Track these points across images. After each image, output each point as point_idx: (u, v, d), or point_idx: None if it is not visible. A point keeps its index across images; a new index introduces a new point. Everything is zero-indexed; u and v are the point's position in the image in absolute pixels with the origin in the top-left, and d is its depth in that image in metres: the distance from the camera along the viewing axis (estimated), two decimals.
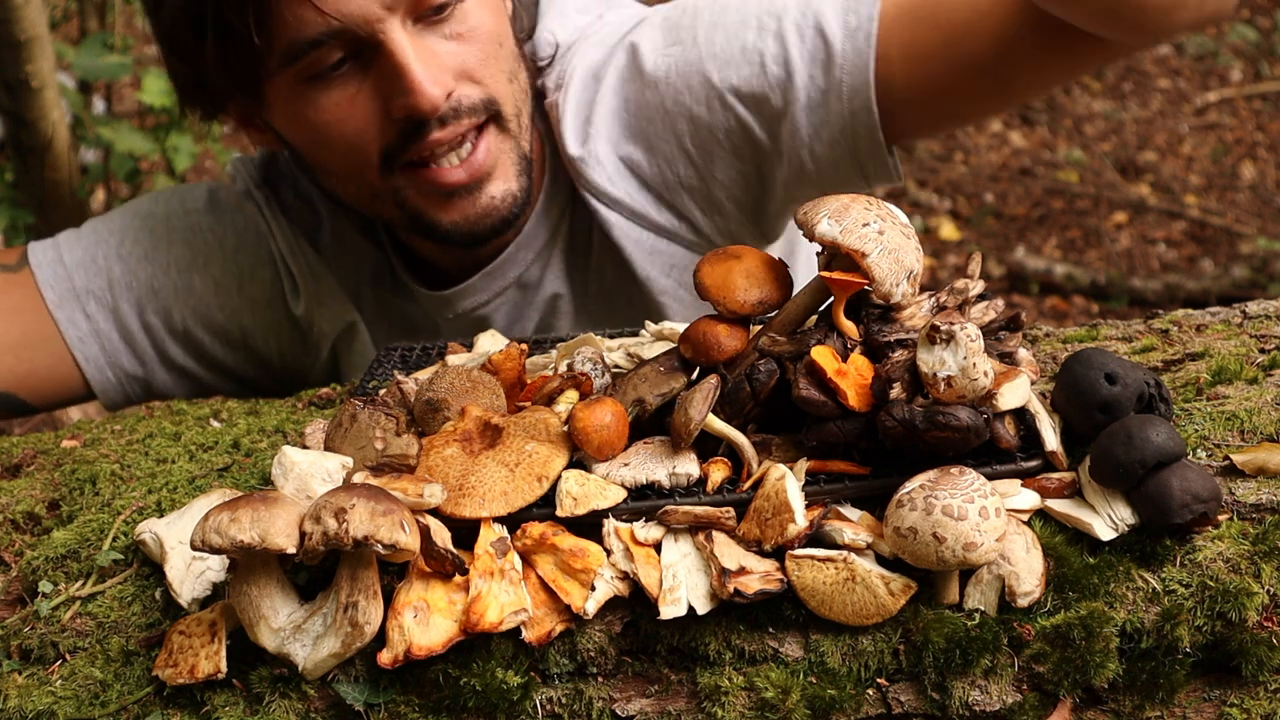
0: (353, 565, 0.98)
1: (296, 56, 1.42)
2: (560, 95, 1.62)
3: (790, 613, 0.99)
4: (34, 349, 1.64)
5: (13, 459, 1.30)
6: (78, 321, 1.66)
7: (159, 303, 1.69)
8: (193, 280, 1.69)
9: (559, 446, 1.06)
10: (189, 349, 1.72)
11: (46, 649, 1.06)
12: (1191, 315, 1.28)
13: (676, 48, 1.59)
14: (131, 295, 1.68)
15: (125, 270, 1.68)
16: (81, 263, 1.67)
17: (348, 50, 1.43)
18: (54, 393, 1.68)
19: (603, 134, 1.62)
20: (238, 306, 1.72)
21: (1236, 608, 0.95)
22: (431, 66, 1.43)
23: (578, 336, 1.35)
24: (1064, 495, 1.02)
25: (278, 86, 1.48)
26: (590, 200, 1.63)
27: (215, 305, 1.71)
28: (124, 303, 1.67)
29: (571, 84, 1.62)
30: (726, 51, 1.57)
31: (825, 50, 1.54)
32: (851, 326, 1.07)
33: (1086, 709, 0.98)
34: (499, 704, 0.99)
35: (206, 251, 1.70)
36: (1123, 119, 6.40)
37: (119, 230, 1.70)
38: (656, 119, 1.60)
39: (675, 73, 1.58)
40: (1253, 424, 1.06)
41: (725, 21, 1.59)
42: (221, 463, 1.24)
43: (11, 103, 2.53)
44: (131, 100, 5.04)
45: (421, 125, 1.46)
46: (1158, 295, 4.88)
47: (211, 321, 1.71)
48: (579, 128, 1.62)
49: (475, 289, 1.71)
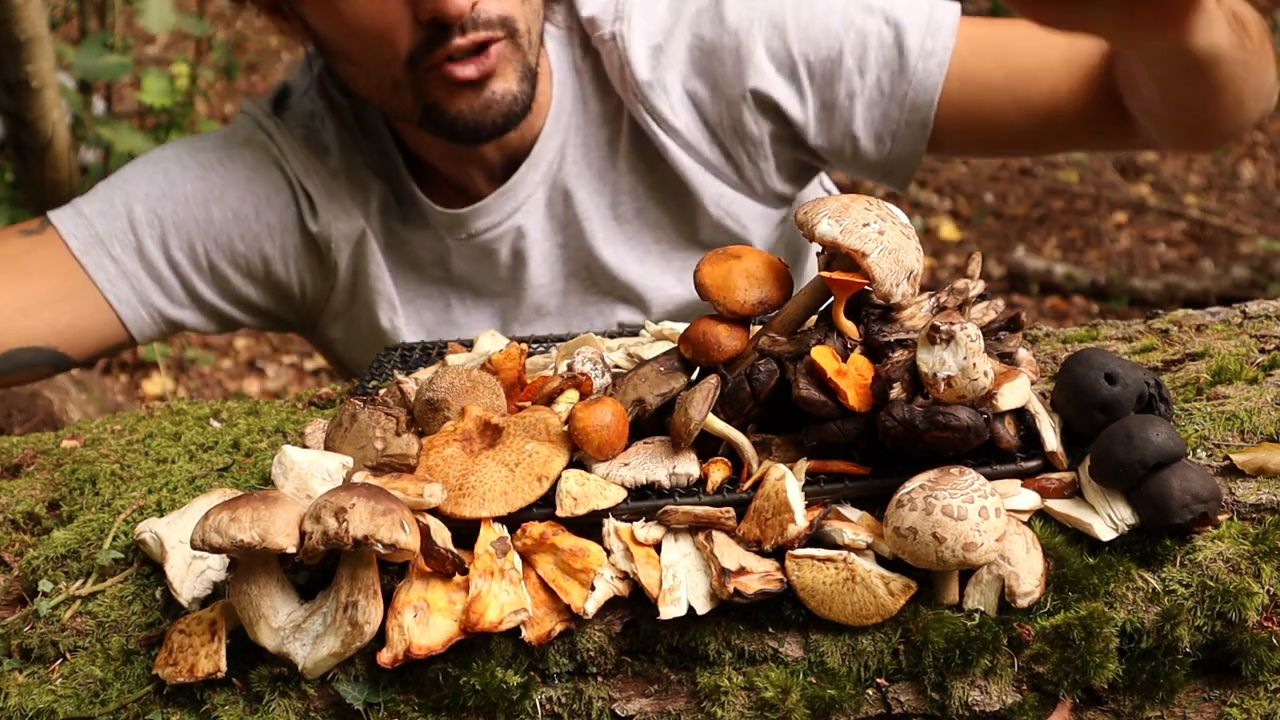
0: (353, 565, 0.98)
1: None
2: (621, 25, 1.72)
3: (790, 613, 0.99)
4: (67, 301, 1.70)
5: (13, 459, 1.30)
6: (105, 265, 1.71)
7: (181, 238, 1.75)
8: (211, 212, 1.75)
9: (559, 446, 1.06)
10: (215, 284, 1.79)
11: (47, 648, 1.06)
12: (1191, 315, 1.28)
13: (762, 5, 1.70)
14: (154, 233, 1.74)
15: (145, 209, 1.73)
16: (100, 211, 1.73)
17: None
18: (93, 342, 1.74)
19: (674, 65, 1.73)
20: (257, 233, 1.78)
21: (1236, 608, 0.95)
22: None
23: (578, 336, 1.35)
24: (1064, 495, 1.02)
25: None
26: (650, 124, 1.74)
27: (235, 235, 1.77)
28: (148, 240, 1.73)
29: (635, 15, 1.73)
30: (810, 28, 1.68)
31: (900, 62, 1.66)
32: (851, 326, 1.07)
33: (1086, 709, 0.98)
34: (499, 703, 0.99)
35: (221, 184, 1.76)
36: None
37: (133, 176, 1.76)
38: (729, 64, 1.71)
39: (757, 28, 1.69)
40: (1253, 424, 1.06)
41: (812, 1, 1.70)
42: (221, 462, 1.25)
43: (11, 103, 2.54)
44: (131, 100, 5.05)
45: (445, 30, 1.55)
46: (1158, 295, 4.88)
47: (234, 252, 1.78)
48: (649, 55, 1.72)
49: (489, 209, 1.78)
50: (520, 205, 1.79)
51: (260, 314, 1.87)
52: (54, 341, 1.68)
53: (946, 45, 1.66)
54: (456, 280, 1.86)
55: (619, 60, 1.73)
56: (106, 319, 1.72)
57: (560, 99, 1.78)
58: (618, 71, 1.74)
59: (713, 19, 1.71)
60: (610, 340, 1.34)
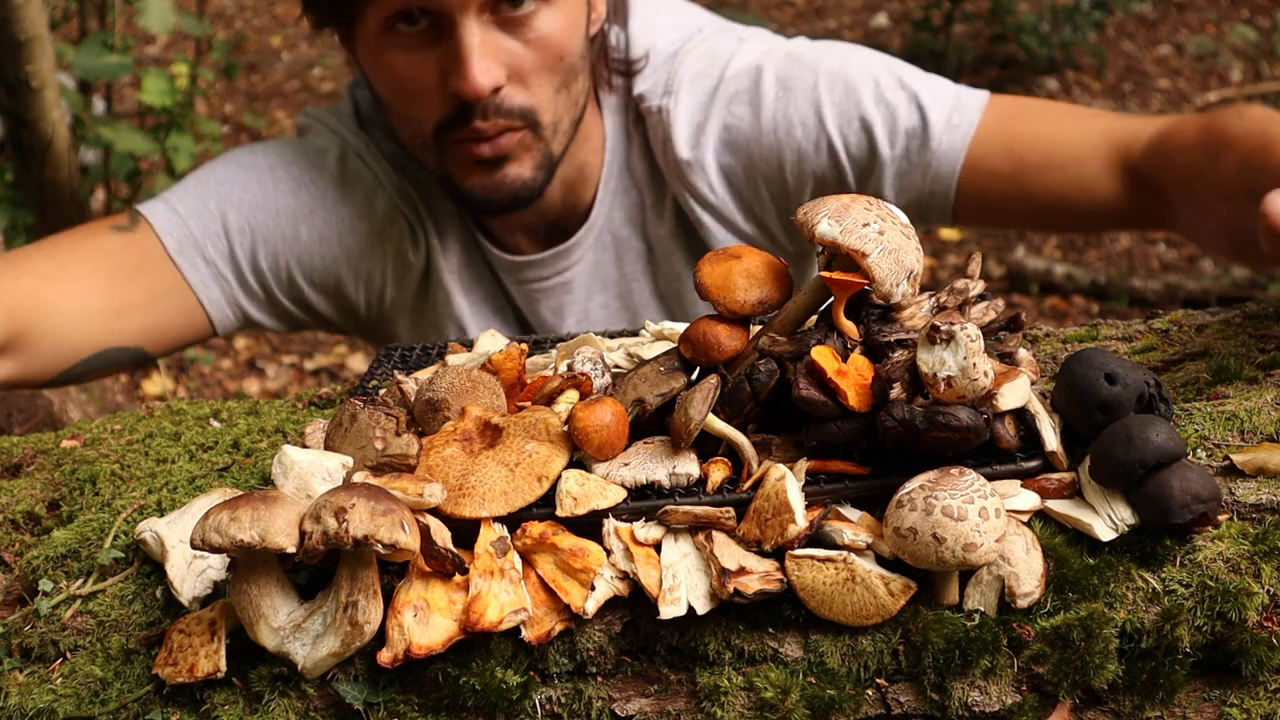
0: (353, 564, 0.98)
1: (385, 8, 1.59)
2: (669, 100, 1.79)
3: (790, 613, 0.99)
4: (162, 301, 1.75)
5: (13, 459, 1.30)
6: (199, 267, 1.77)
7: (269, 248, 1.81)
8: (299, 230, 1.82)
9: (559, 446, 1.06)
10: (291, 294, 1.86)
11: (47, 647, 1.06)
12: (1191, 315, 1.28)
13: (798, 86, 1.77)
14: (245, 240, 1.80)
15: (239, 216, 1.79)
16: (195, 211, 1.78)
17: (424, 13, 1.59)
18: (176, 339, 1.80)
19: (711, 144, 1.79)
20: (336, 257, 1.85)
21: (1236, 608, 0.95)
22: (488, 59, 1.59)
23: (578, 336, 1.35)
24: (1064, 495, 1.02)
25: (367, 25, 1.64)
26: (688, 200, 1.81)
27: (317, 255, 1.84)
28: (238, 247, 1.79)
29: (682, 92, 1.79)
30: (843, 106, 1.75)
31: (924, 134, 1.72)
32: (851, 326, 1.07)
33: (1086, 709, 0.98)
34: (498, 703, 0.99)
35: (311, 203, 1.82)
36: None
37: (228, 180, 1.82)
38: (766, 144, 1.78)
39: (794, 109, 1.76)
40: (1253, 424, 1.06)
41: (847, 77, 1.76)
42: (222, 462, 1.25)
43: (11, 103, 2.53)
44: (131, 100, 5.05)
45: (469, 109, 1.63)
46: (1158, 295, 4.87)
47: (312, 270, 1.84)
48: (691, 134, 1.79)
49: (543, 263, 1.87)
50: (571, 265, 1.88)
51: (324, 321, 1.95)
52: (142, 340, 1.73)
53: (972, 121, 1.72)
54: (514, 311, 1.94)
55: (663, 134, 1.79)
56: (196, 318, 1.78)
57: (611, 165, 1.85)
58: (660, 145, 1.80)
59: (750, 100, 1.77)
60: (610, 340, 1.34)
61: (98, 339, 1.68)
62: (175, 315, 1.76)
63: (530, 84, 1.65)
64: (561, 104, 1.70)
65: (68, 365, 1.66)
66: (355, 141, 1.86)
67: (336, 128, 1.88)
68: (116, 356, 1.70)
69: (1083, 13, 6.28)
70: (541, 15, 1.62)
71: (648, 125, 1.82)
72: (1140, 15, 7.12)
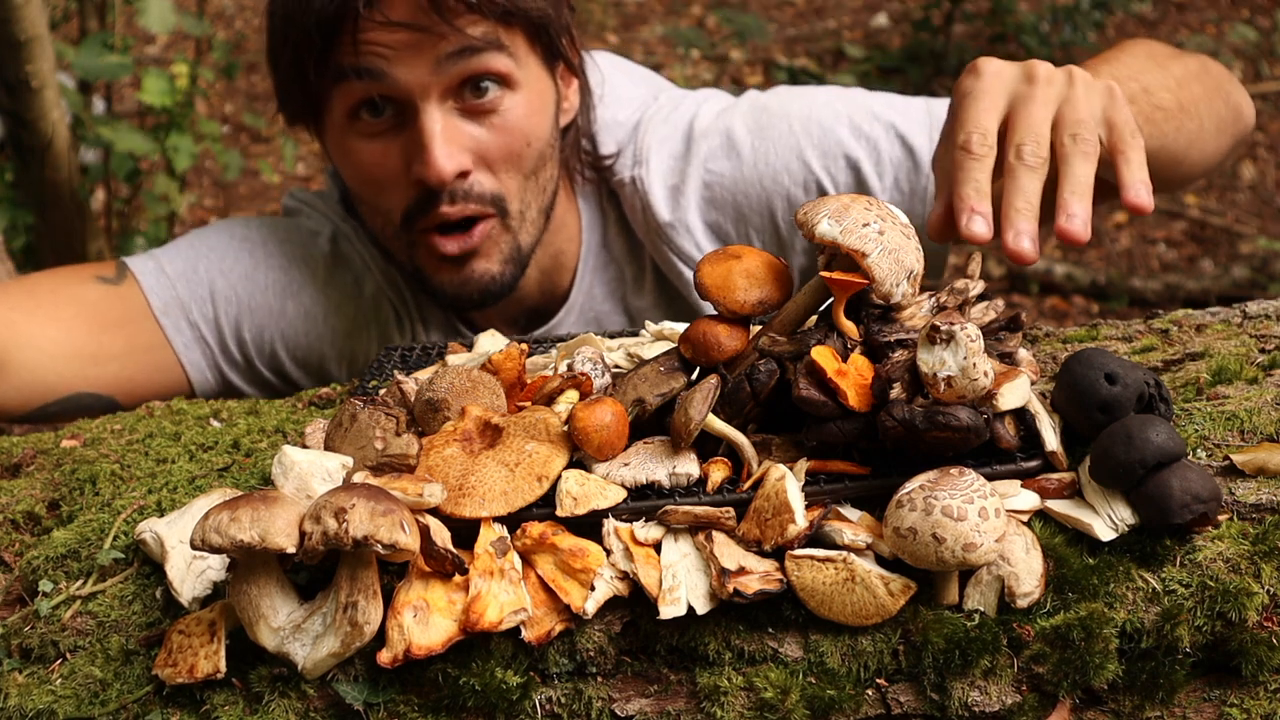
0: (352, 565, 0.98)
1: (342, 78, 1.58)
2: (641, 170, 1.78)
3: (790, 613, 0.99)
4: (140, 356, 1.74)
5: (13, 459, 1.30)
6: (183, 329, 1.77)
7: (254, 321, 1.80)
8: (286, 305, 1.81)
9: (559, 446, 1.06)
10: (271, 366, 1.84)
11: (47, 648, 1.06)
12: (1191, 315, 1.28)
13: (773, 134, 1.76)
14: (231, 310, 1.79)
15: (226, 285, 1.79)
16: (183, 274, 1.78)
17: (386, 101, 1.59)
18: (150, 393, 1.76)
19: (693, 203, 1.78)
20: (321, 334, 1.84)
21: (1236, 608, 0.95)
22: (451, 144, 1.59)
23: (578, 336, 1.35)
24: (1064, 496, 1.01)
25: (333, 116, 1.64)
26: (674, 262, 1.79)
27: (302, 331, 1.83)
28: (223, 316, 1.79)
29: (652, 159, 1.78)
30: (823, 146, 1.75)
31: (913, 160, 1.71)
32: (851, 326, 1.07)
33: (1086, 709, 0.98)
34: (498, 703, 0.99)
35: (300, 280, 1.82)
36: None
37: (219, 247, 1.82)
38: (753, 194, 1.77)
39: (775, 157, 1.75)
40: (1253, 424, 1.06)
41: (819, 118, 1.76)
42: (222, 462, 1.24)
43: (11, 103, 2.53)
44: (131, 100, 5.04)
45: (434, 196, 1.61)
46: (1158, 295, 4.87)
47: (296, 346, 1.83)
48: (668, 197, 1.78)
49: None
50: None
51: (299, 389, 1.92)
52: (115, 391, 1.71)
53: None
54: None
55: (640, 203, 1.78)
56: (174, 376, 1.77)
57: (589, 244, 1.84)
58: (639, 214, 1.79)
59: (727, 154, 1.76)
60: (610, 340, 1.34)
61: (71, 382, 1.67)
62: (153, 371, 1.76)
63: (497, 170, 1.64)
64: (530, 192, 1.69)
65: (41, 402, 1.65)
66: (344, 226, 1.85)
67: (325, 211, 1.88)
68: (88, 402, 1.69)
69: (1083, 13, 6.28)
70: (505, 102, 1.61)
71: (621, 200, 1.81)
72: (1140, 15, 7.12)
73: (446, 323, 1.87)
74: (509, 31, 1.59)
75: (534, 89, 1.65)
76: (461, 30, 1.54)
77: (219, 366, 1.80)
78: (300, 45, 1.58)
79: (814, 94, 1.82)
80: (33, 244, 3.27)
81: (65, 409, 1.69)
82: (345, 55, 1.55)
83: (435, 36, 1.53)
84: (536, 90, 1.66)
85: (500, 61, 1.58)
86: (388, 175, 1.63)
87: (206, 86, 4.82)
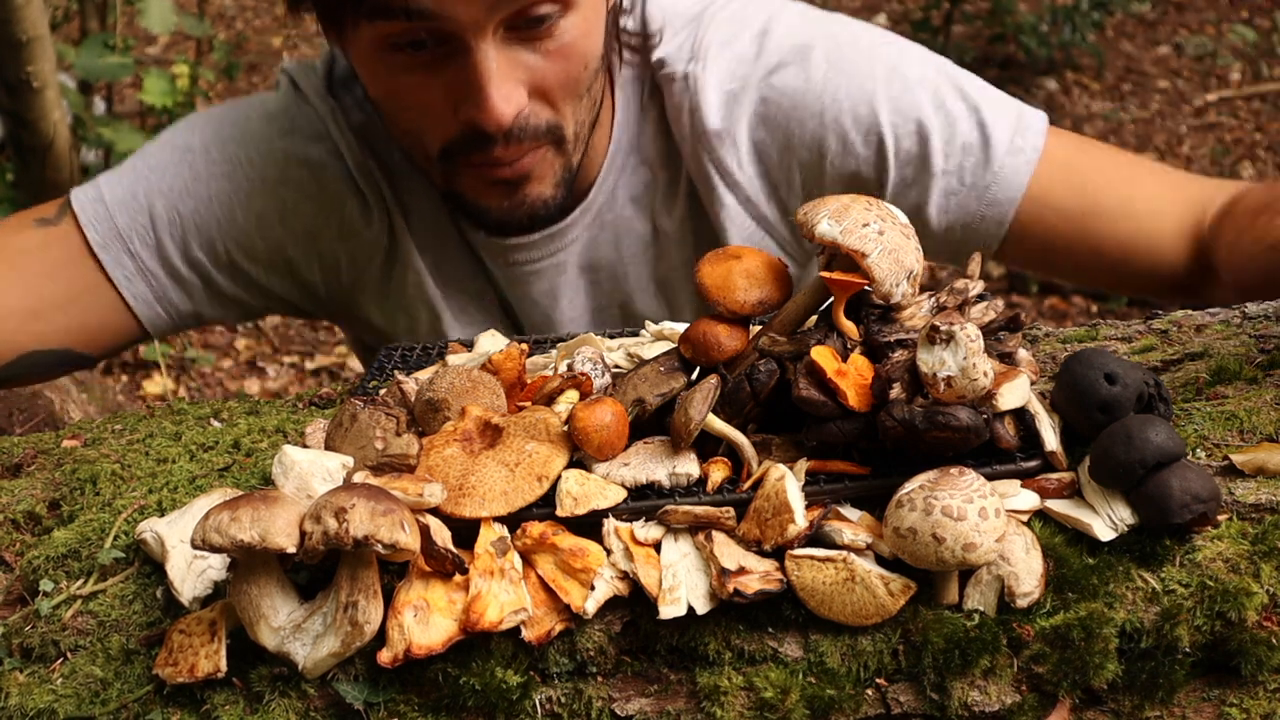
0: (353, 565, 0.98)
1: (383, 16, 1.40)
2: (696, 66, 1.60)
3: (790, 613, 0.99)
4: (83, 300, 1.64)
5: (13, 459, 1.30)
6: (124, 262, 1.65)
7: (203, 236, 1.68)
8: (234, 213, 1.68)
9: (559, 446, 1.06)
10: (236, 279, 1.72)
11: (47, 647, 1.06)
12: (1191, 315, 1.28)
13: (851, 70, 1.60)
14: (175, 231, 1.67)
15: (167, 205, 1.66)
16: (122, 200, 1.66)
17: (432, 36, 1.41)
18: (110, 339, 1.69)
19: (746, 116, 1.62)
20: (280, 238, 1.71)
21: (1236, 608, 0.95)
22: (508, 82, 1.42)
23: (577, 336, 1.35)
24: (1063, 495, 1.02)
25: (361, 33, 1.45)
26: (712, 175, 1.63)
27: (258, 237, 1.70)
28: (167, 239, 1.67)
29: (709, 59, 1.61)
30: (899, 103, 1.59)
31: (984, 153, 1.57)
32: (851, 326, 1.07)
33: (1086, 709, 0.98)
34: (498, 703, 0.99)
35: (248, 186, 1.68)
36: (1122, 119, 6.40)
37: (159, 166, 1.69)
38: (810, 127, 1.61)
39: (844, 94, 1.59)
40: (1253, 424, 1.06)
41: (905, 73, 1.60)
42: (222, 462, 1.25)
43: (12, 103, 2.54)
44: (132, 100, 5.05)
45: (486, 137, 1.47)
46: None
47: (255, 251, 1.71)
48: (723, 103, 1.61)
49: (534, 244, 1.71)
50: (566, 245, 1.72)
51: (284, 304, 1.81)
52: (68, 342, 1.62)
53: (1036, 145, 1.58)
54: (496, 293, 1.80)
55: (689, 104, 1.61)
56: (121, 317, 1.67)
57: (619, 139, 1.68)
58: (685, 115, 1.62)
59: (796, 73, 1.60)
60: (610, 340, 1.34)
61: (19, 341, 1.58)
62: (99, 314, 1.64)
63: (555, 99, 1.49)
64: (582, 110, 1.55)
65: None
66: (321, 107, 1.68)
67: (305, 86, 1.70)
68: (43, 359, 1.60)
69: (1082, 13, 6.28)
70: (563, 24, 1.44)
71: (666, 96, 1.63)
72: (1139, 15, 7.12)
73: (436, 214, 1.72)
74: None
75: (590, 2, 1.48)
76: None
77: (169, 299, 1.69)
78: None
79: (908, 48, 1.65)
80: None
81: (20, 371, 1.61)
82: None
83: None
84: (592, 3, 1.48)
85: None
86: (428, 109, 1.47)
87: (207, 87, 4.82)
